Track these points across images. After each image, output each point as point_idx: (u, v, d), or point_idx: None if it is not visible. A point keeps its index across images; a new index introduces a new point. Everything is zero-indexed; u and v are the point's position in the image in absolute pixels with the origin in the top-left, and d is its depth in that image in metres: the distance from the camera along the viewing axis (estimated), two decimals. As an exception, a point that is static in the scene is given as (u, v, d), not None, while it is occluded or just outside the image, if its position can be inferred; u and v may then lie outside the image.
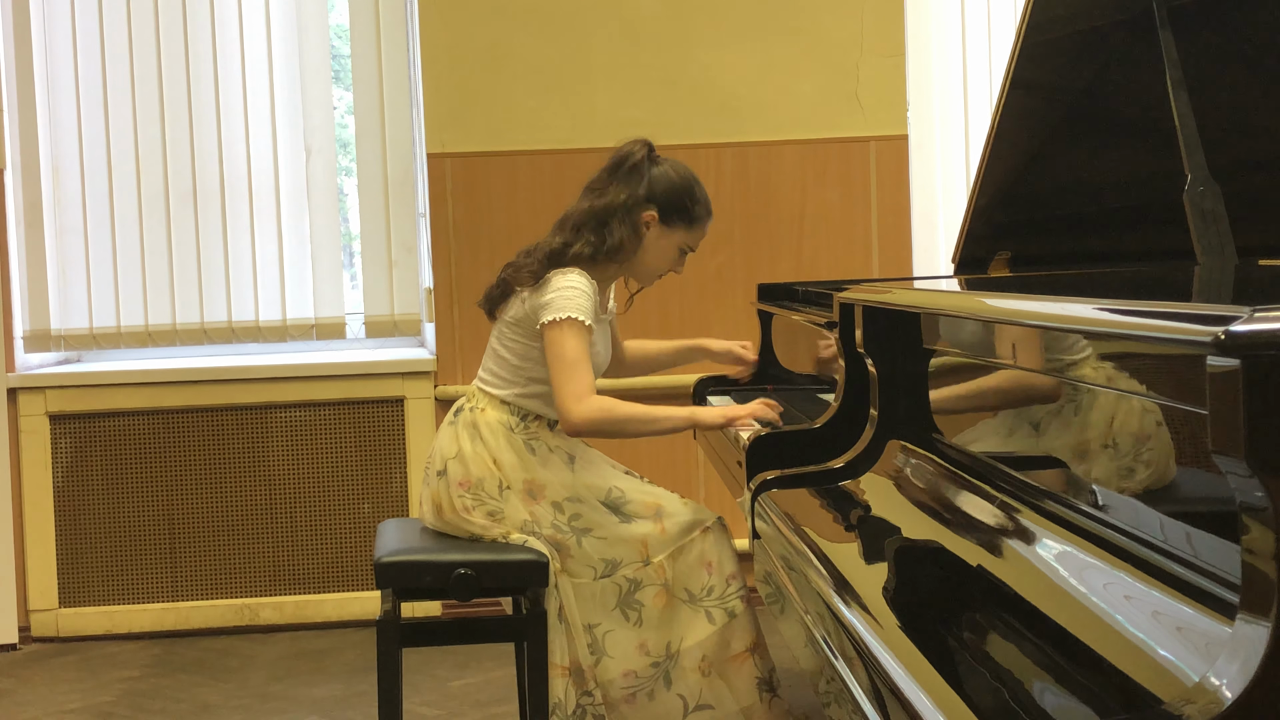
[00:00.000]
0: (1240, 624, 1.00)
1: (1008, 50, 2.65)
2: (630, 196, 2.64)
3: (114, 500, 4.26)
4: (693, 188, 2.70)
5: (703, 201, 2.71)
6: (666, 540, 2.58)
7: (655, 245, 2.69)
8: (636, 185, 2.65)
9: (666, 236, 2.69)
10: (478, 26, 4.23)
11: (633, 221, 2.65)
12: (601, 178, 2.69)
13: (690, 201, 2.69)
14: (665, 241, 2.69)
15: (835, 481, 2.10)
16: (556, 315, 2.54)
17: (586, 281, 2.60)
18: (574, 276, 2.59)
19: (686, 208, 2.69)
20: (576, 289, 2.57)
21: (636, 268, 2.72)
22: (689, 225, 2.70)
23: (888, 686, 1.29)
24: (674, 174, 2.69)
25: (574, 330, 2.54)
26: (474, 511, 2.59)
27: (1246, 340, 0.96)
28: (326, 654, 4.03)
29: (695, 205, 2.70)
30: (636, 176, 2.66)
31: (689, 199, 2.69)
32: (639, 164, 2.67)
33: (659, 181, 2.67)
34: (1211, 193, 2.33)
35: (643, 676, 2.56)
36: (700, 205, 2.71)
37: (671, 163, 2.72)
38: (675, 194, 2.67)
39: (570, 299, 2.55)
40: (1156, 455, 1.27)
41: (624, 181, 2.66)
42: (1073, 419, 1.46)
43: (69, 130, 4.35)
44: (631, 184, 2.65)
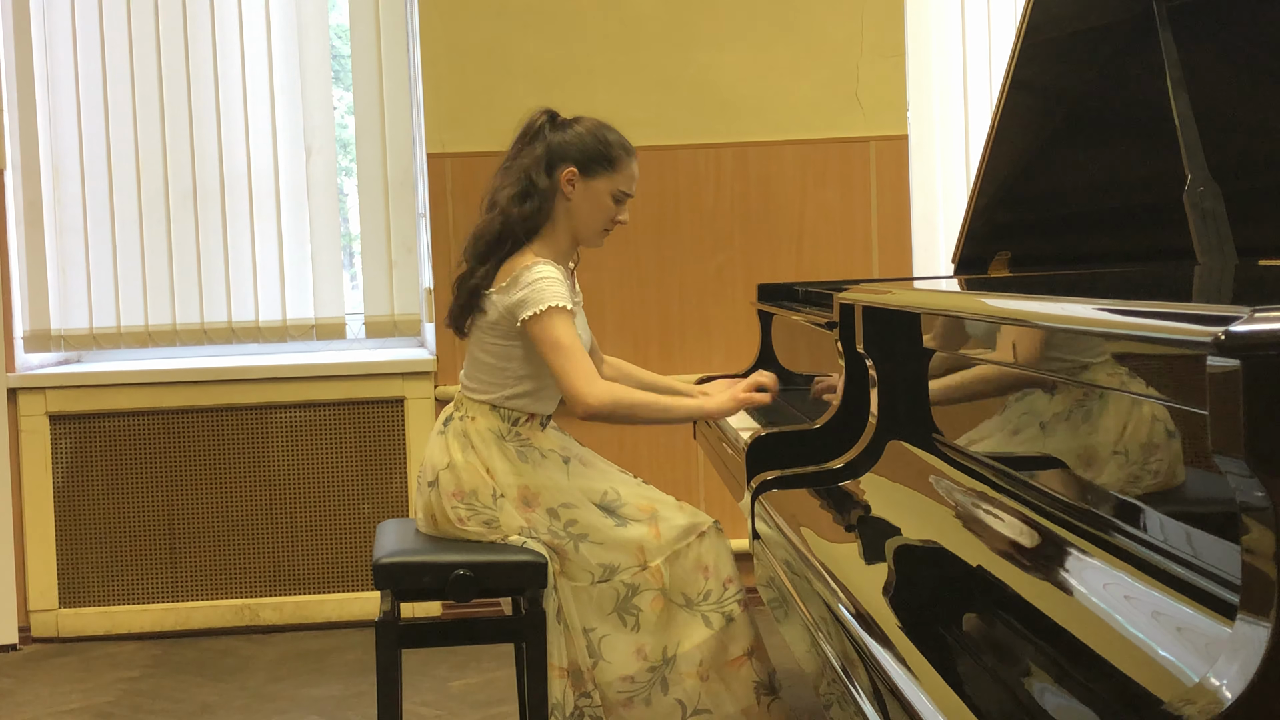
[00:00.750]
0: (1240, 624, 1.00)
1: (1008, 50, 2.65)
2: (543, 152, 2.64)
3: (114, 500, 4.26)
4: (601, 132, 2.67)
5: (616, 142, 2.68)
6: (663, 544, 2.57)
7: (586, 200, 2.65)
8: (540, 145, 2.65)
9: (593, 187, 2.65)
10: (478, 26, 4.23)
11: (552, 181, 2.63)
12: (509, 152, 2.69)
13: (603, 145, 2.66)
14: (594, 193, 2.65)
15: (835, 482, 2.10)
16: (536, 309, 2.53)
17: (552, 268, 2.58)
18: (539, 267, 2.57)
19: (601, 152, 2.65)
20: (546, 278, 2.56)
21: (578, 229, 2.68)
22: (611, 168, 2.66)
23: (889, 688, 1.29)
24: (581, 128, 2.67)
25: (559, 317, 2.53)
26: (469, 521, 2.58)
27: (1246, 340, 0.96)
28: (326, 654, 4.03)
29: (610, 147, 2.66)
30: (541, 139, 2.66)
31: (601, 144, 2.66)
32: (540, 128, 2.67)
33: (569, 139, 2.65)
34: (1211, 193, 2.33)
35: (640, 681, 2.56)
36: (615, 146, 2.67)
37: (576, 118, 2.70)
38: (586, 144, 2.65)
39: (544, 289, 2.54)
40: (1156, 455, 1.27)
41: (530, 147, 2.66)
42: (1073, 419, 1.46)
43: (69, 130, 4.35)
44: (537, 146, 2.65)
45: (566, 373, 2.52)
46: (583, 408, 2.51)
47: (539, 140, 2.66)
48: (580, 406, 2.51)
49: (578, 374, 2.51)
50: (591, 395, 2.50)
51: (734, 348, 4.21)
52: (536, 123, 2.68)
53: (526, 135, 2.68)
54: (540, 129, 2.67)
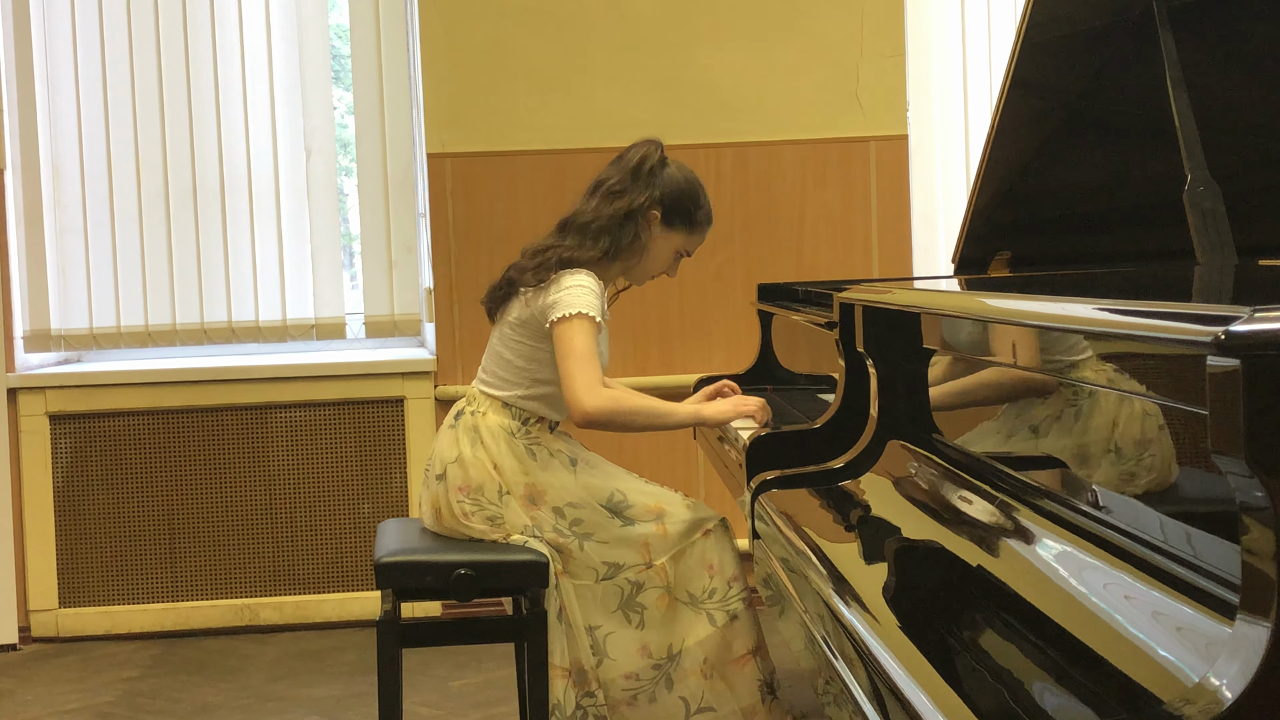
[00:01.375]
0: (1240, 624, 1.00)
1: (1008, 50, 2.65)
2: (648, 199, 2.65)
3: (114, 500, 4.26)
4: (698, 193, 2.71)
5: (705, 208, 2.73)
6: (668, 542, 2.57)
7: (655, 246, 2.69)
8: (653, 188, 2.66)
9: (665, 238, 2.69)
10: (478, 26, 4.23)
11: (642, 224, 2.66)
12: (620, 179, 2.67)
13: (694, 206, 2.70)
14: (664, 242, 2.70)
15: (835, 481, 2.10)
16: (566, 311, 2.54)
17: (595, 281, 2.60)
18: (582, 276, 2.58)
19: (690, 211, 2.70)
20: (585, 287, 2.57)
21: (634, 268, 2.73)
22: (689, 229, 2.71)
23: (888, 687, 1.29)
24: (681, 177, 2.70)
25: (584, 325, 2.54)
26: (473, 517, 2.59)
27: (1246, 340, 0.96)
28: (326, 654, 4.03)
29: (698, 210, 2.71)
30: (653, 178, 2.67)
31: (693, 204, 2.70)
32: (655, 166, 2.67)
33: (667, 183, 2.68)
34: (1211, 193, 2.33)
35: (644, 679, 2.56)
36: (702, 211, 2.72)
37: (678, 165, 2.73)
38: (681, 197, 2.68)
39: (579, 296, 2.55)
40: (1156, 455, 1.27)
41: (643, 184, 2.66)
42: (1072, 419, 1.46)
43: (69, 130, 4.35)
44: (649, 186, 2.66)
45: (572, 377, 2.52)
46: (580, 414, 2.52)
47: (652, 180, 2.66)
48: (578, 412, 2.52)
49: (580, 381, 2.51)
50: (588, 402, 2.50)
51: (734, 348, 4.21)
52: (654, 157, 2.68)
53: (642, 166, 2.67)
54: (656, 166, 2.67)
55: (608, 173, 2.71)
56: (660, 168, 2.68)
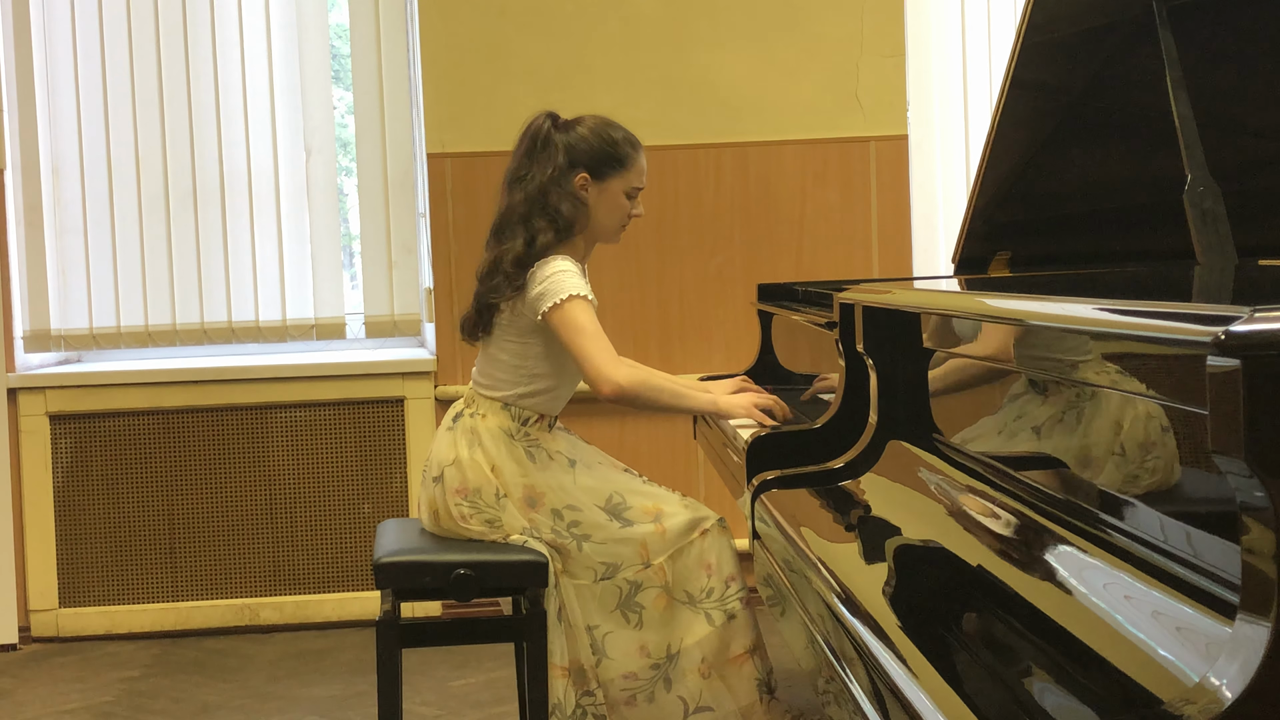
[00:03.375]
0: (1240, 624, 1.00)
1: (1008, 50, 2.65)
2: (555, 169, 2.62)
3: (114, 500, 4.26)
4: (608, 132, 2.66)
5: (623, 139, 2.67)
6: (666, 542, 2.57)
7: (601, 203, 2.66)
8: (555, 156, 2.63)
9: (605, 189, 2.66)
10: (478, 26, 4.23)
11: (569, 192, 2.62)
12: (520, 164, 2.66)
13: (611, 145, 2.65)
14: (608, 195, 2.66)
15: (835, 481, 2.10)
16: (556, 298, 2.53)
17: (570, 262, 2.59)
18: (558, 261, 2.58)
19: (610, 154, 2.65)
20: (564, 271, 2.56)
21: (596, 231, 2.69)
22: (622, 167, 2.66)
23: (888, 687, 1.29)
24: (584, 130, 2.65)
25: (579, 304, 2.54)
26: (471, 520, 2.58)
27: (1246, 340, 0.96)
28: (326, 654, 4.03)
29: (617, 146, 2.66)
30: (551, 149, 2.63)
31: (609, 145, 2.65)
32: (549, 137, 2.64)
33: (574, 143, 2.64)
34: (1211, 193, 2.32)
35: (642, 678, 2.56)
36: (622, 145, 2.67)
37: (579, 120, 2.68)
38: (594, 146, 2.64)
39: (563, 281, 2.54)
40: (1156, 455, 1.27)
41: (545, 158, 2.63)
42: (1072, 419, 1.46)
43: (69, 130, 4.35)
44: (551, 156, 2.63)
45: (590, 355, 2.51)
46: (610, 386, 2.50)
47: (549, 148, 2.64)
48: (607, 385, 2.50)
49: (601, 356, 2.51)
50: (619, 374, 2.51)
51: (734, 348, 4.21)
52: (543, 129, 2.66)
53: (534, 142, 2.66)
54: (548, 135, 2.65)
55: (510, 162, 2.69)
56: (558, 132, 2.64)
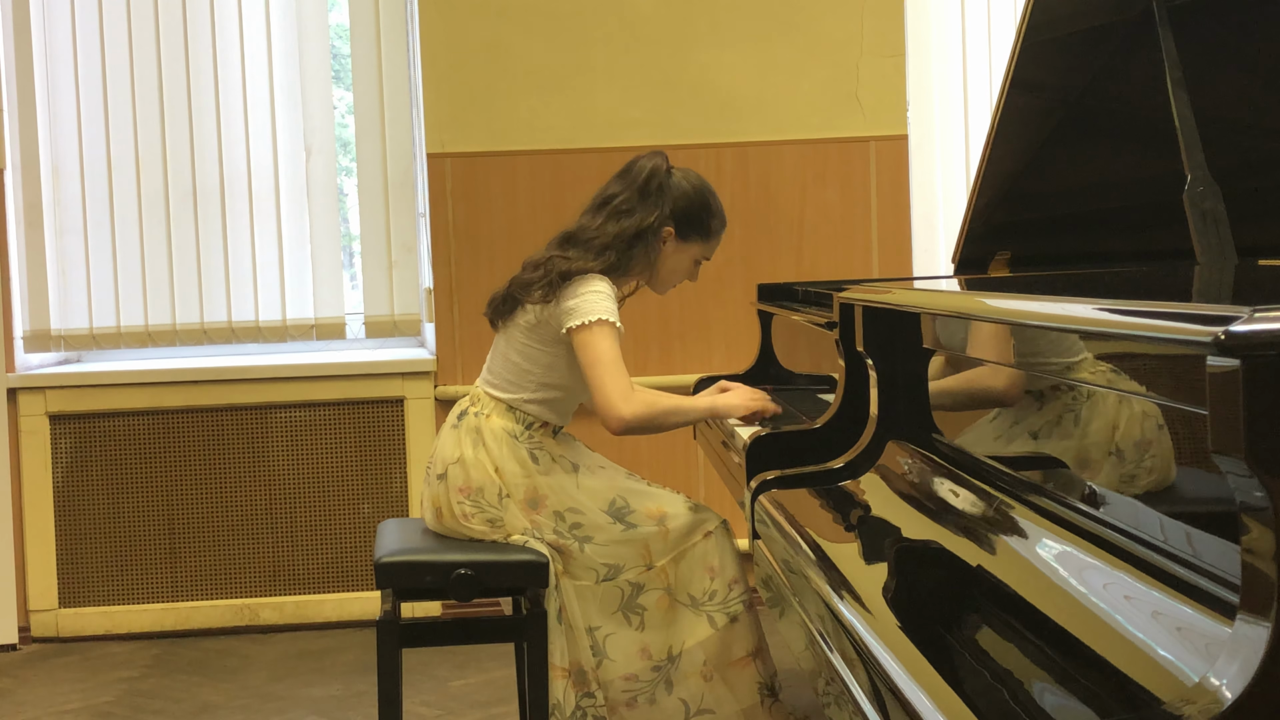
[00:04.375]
0: (1240, 624, 1.00)
1: (1008, 50, 2.65)
2: (658, 217, 2.63)
3: (114, 500, 4.26)
4: (709, 200, 2.69)
5: (718, 215, 2.71)
6: (669, 544, 2.57)
7: (671, 259, 2.68)
8: (664, 204, 2.63)
9: (683, 250, 2.69)
10: (478, 26, 4.23)
11: (654, 244, 2.64)
12: (628, 198, 2.64)
13: (707, 215, 2.69)
14: (682, 255, 2.69)
15: (835, 481, 2.10)
16: (585, 319, 2.52)
17: (609, 285, 2.58)
18: (596, 281, 2.56)
19: (703, 222, 2.68)
20: (600, 292, 2.55)
21: (653, 279, 2.72)
22: (705, 238, 2.70)
23: (888, 687, 1.29)
24: (689, 188, 2.67)
25: (605, 332, 2.52)
26: (473, 519, 2.58)
27: (1246, 340, 0.96)
28: (326, 654, 4.03)
29: (711, 219, 2.69)
30: (663, 195, 2.64)
31: (705, 213, 2.68)
32: (663, 181, 2.64)
33: (677, 197, 2.65)
34: (1211, 193, 2.32)
35: (644, 680, 2.56)
36: (716, 219, 2.70)
37: (684, 173, 2.69)
38: (693, 208, 2.66)
39: (596, 302, 2.53)
40: (1156, 455, 1.27)
41: (651, 201, 2.63)
42: (1072, 419, 1.46)
43: (69, 130, 4.35)
44: (658, 203, 2.63)
45: (605, 386, 2.50)
46: (618, 422, 2.51)
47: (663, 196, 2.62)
48: (616, 422, 2.51)
49: (615, 390, 2.50)
50: (627, 411, 2.50)
51: (734, 348, 4.21)
52: (660, 170, 2.64)
53: (649, 182, 2.63)
54: (663, 181, 2.64)
55: (614, 188, 2.66)
56: (668, 181, 2.65)
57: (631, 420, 2.51)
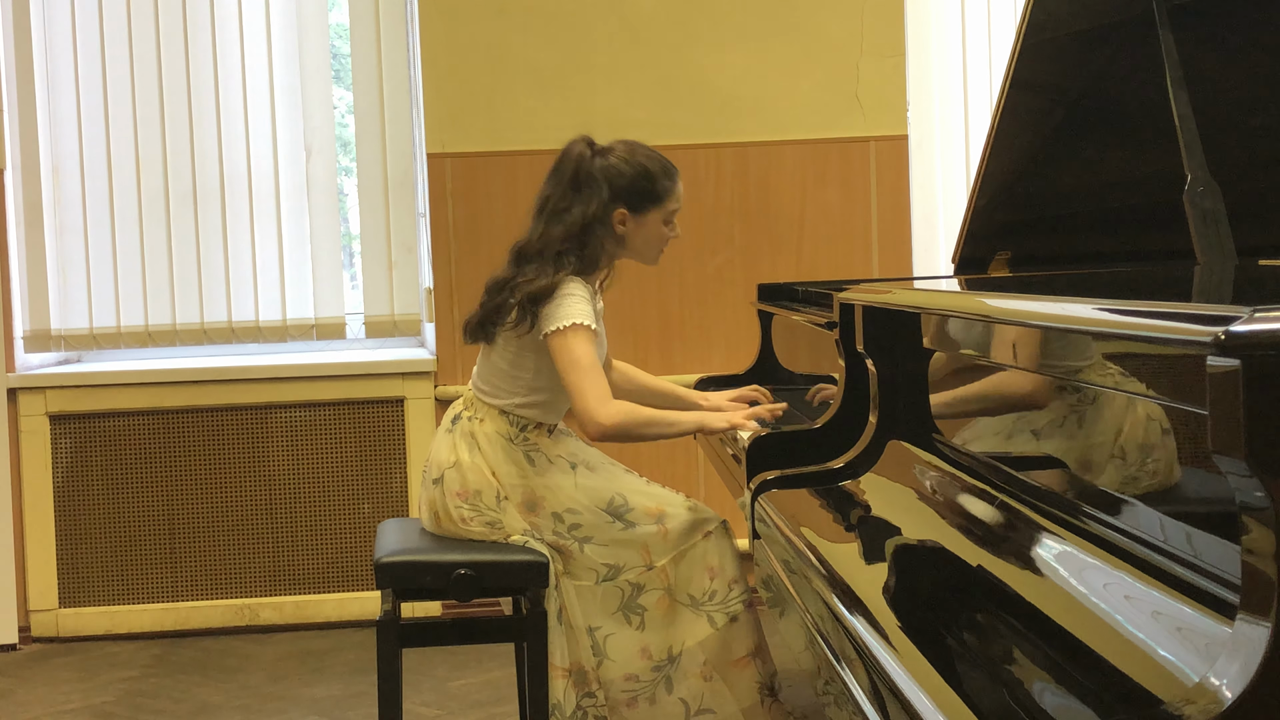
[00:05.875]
0: (1240, 624, 1.00)
1: (1008, 50, 2.65)
2: (599, 205, 2.58)
3: (114, 500, 4.26)
4: (647, 167, 2.62)
5: (662, 173, 2.63)
6: (668, 544, 2.57)
7: (639, 235, 2.64)
8: (599, 191, 2.59)
9: (644, 222, 2.63)
10: (478, 26, 4.23)
11: (608, 231, 2.61)
12: (562, 195, 2.61)
13: (650, 182, 2.62)
14: (646, 226, 2.64)
15: (835, 481, 2.10)
16: (560, 324, 2.51)
17: (582, 286, 2.57)
18: (569, 284, 2.55)
19: (650, 189, 2.62)
20: (574, 295, 2.54)
21: (634, 256, 2.70)
22: (660, 202, 2.63)
23: (888, 687, 1.29)
24: (621, 164, 2.61)
25: (580, 336, 2.52)
26: (472, 522, 2.58)
27: (1246, 340, 0.96)
28: (326, 654, 4.03)
29: (657, 183, 2.62)
30: (593, 182, 2.60)
31: (648, 180, 2.61)
32: (592, 168, 2.60)
33: (614, 178, 2.60)
34: (1211, 193, 2.32)
35: (644, 680, 2.56)
36: (662, 179, 2.63)
37: (612, 148, 2.64)
38: (635, 183, 2.61)
39: (570, 306, 2.53)
40: (1156, 456, 1.27)
41: (586, 192, 2.59)
42: (1073, 419, 1.46)
43: (69, 130, 4.35)
44: (594, 192, 2.59)
45: (582, 391, 2.49)
46: (595, 428, 2.49)
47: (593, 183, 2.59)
48: (593, 427, 2.49)
49: (592, 394, 2.49)
50: (603, 415, 2.48)
51: (734, 348, 4.21)
52: (585, 158, 2.61)
53: (576, 173, 2.60)
54: (590, 167, 2.60)
55: (547, 189, 2.64)
56: (597, 166, 2.60)
57: (609, 427, 2.48)
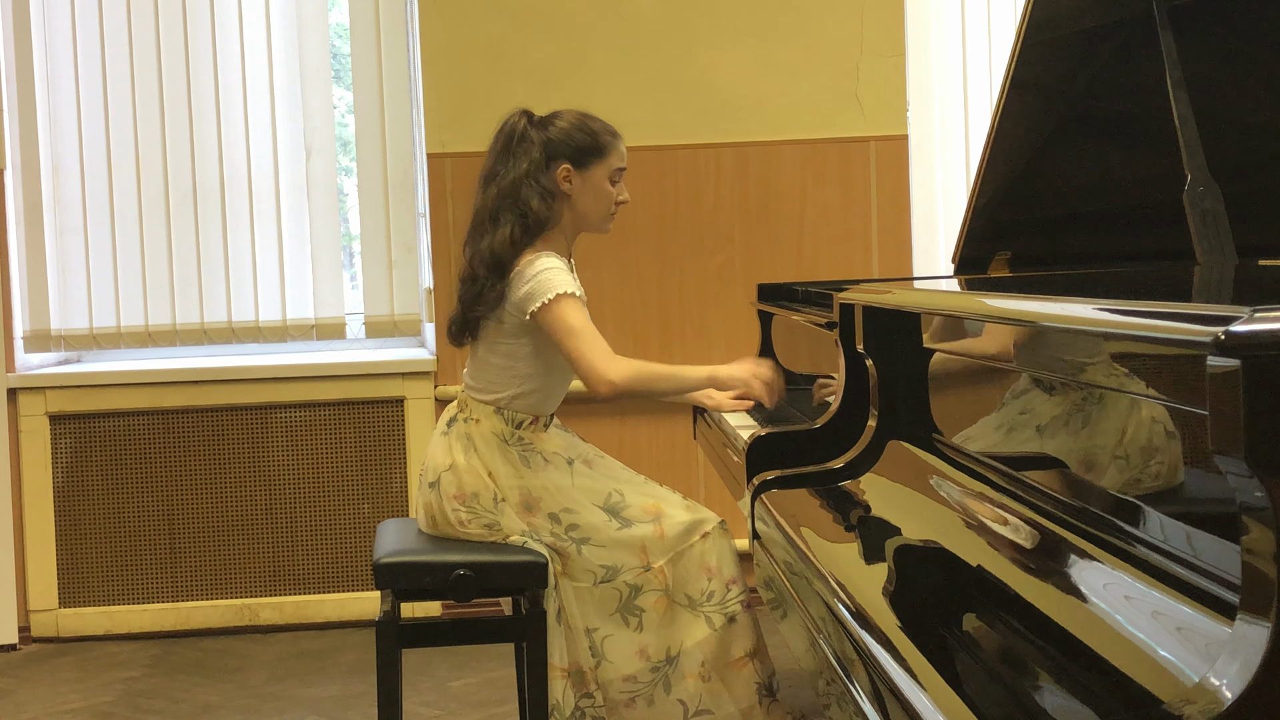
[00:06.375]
0: (1240, 624, 1.00)
1: (1008, 50, 2.65)
2: (530, 164, 2.60)
3: (114, 500, 4.26)
4: (585, 122, 2.64)
5: (602, 130, 2.65)
6: (666, 544, 2.57)
7: (585, 192, 2.64)
8: (531, 151, 2.60)
9: (589, 178, 2.64)
10: (478, 26, 4.23)
11: (546, 185, 2.60)
12: (495, 162, 2.64)
13: (590, 135, 2.63)
14: (592, 183, 2.64)
15: (835, 481, 2.10)
16: (545, 298, 2.52)
17: (555, 259, 2.57)
18: (543, 259, 2.56)
19: (590, 143, 2.63)
20: (550, 267, 2.55)
21: (584, 221, 2.68)
22: (602, 155, 2.64)
23: (889, 688, 1.29)
24: (562, 122, 2.64)
25: (569, 303, 2.52)
26: (470, 524, 2.58)
27: (1246, 340, 0.96)
28: (326, 654, 4.03)
29: (596, 136, 2.64)
30: (527, 144, 2.62)
31: (587, 134, 2.63)
32: (524, 133, 2.63)
33: (553, 135, 2.62)
34: (1211, 193, 2.32)
35: (642, 681, 2.56)
36: (602, 134, 2.65)
37: (556, 114, 2.67)
38: (573, 137, 2.62)
39: (550, 278, 2.53)
40: (1156, 455, 1.27)
41: (521, 153, 2.61)
42: (1073, 419, 1.46)
43: (69, 130, 4.35)
44: (526, 153, 2.61)
45: (584, 354, 2.50)
46: (606, 385, 2.49)
47: (524, 145, 2.62)
48: (603, 385, 2.50)
49: (595, 354, 2.50)
50: (613, 372, 2.49)
51: (734, 348, 4.21)
52: (518, 126, 2.64)
53: (510, 140, 2.64)
54: (523, 132, 2.63)
55: (486, 162, 2.67)
56: (534, 129, 2.62)
57: (620, 382, 2.49)
